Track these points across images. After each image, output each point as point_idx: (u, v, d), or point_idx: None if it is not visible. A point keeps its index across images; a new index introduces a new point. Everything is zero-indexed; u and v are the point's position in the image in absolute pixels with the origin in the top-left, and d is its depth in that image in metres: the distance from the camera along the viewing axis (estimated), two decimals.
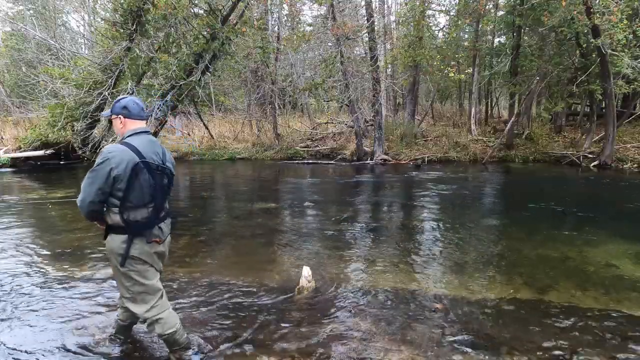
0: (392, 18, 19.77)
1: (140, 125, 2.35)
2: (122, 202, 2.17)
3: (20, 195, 8.15)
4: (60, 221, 6.02)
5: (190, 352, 2.45)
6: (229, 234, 5.50)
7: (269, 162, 13.92)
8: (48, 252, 4.55)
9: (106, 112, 2.42)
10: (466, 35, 18.01)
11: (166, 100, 11.97)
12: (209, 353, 2.61)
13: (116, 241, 2.22)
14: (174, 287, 3.61)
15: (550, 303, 3.36)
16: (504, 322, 3.05)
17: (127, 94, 11.64)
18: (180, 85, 11.96)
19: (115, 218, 2.20)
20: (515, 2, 12.78)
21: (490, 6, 15.05)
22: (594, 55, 11.38)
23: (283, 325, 2.96)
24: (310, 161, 13.82)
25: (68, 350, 2.64)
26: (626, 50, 10.45)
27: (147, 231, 2.25)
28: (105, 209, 2.22)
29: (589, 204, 7.73)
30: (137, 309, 2.32)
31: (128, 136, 2.28)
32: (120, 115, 2.32)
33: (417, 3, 14.11)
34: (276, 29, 17.72)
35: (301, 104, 21.86)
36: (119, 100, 2.36)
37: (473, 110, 16.12)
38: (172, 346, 2.41)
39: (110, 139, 12.49)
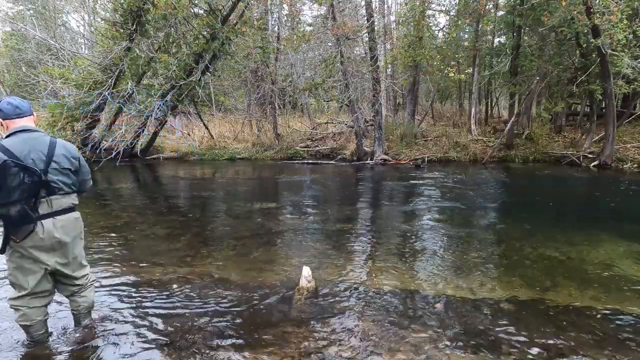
0: (392, 18, 19.78)
1: (21, 124, 2.40)
2: None
3: None
4: None
5: (36, 346, 2.59)
6: (229, 234, 5.50)
7: (269, 162, 13.92)
8: None
9: None
10: (466, 35, 18.00)
11: (166, 100, 11.98)
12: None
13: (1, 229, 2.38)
14: (174, 286, 3.61)
15: (550, 303, 3.36)
16: (504, 322, 3.04)
17: (127, 94, 11.67)
18: (180, 85, 11.97)
19: None
20: (515, 2, 12.77)
21: (490, 6, 15.04)
22: (594, 55, 11.38)
23: (283, 325, 2.96)
24: (310, 161, 13.82)
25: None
26: (626, 50, 10.45)
27: (13, 228, 2.32)
28: None
29: (589, 204, 7.73)
30: (9, 292, 2.52)
31: (6, 137, 2.38)
32: None
33: (417, 3, 14.11)
34: (276, 29, 17.71)
35: (301, 104, 21.87)
36: None
37: (473, 110, 16.12)
38: (26, 334, 2.61)
39: (110, 139, 12.52)
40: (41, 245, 2.39)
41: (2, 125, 2.40)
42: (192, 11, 12.18)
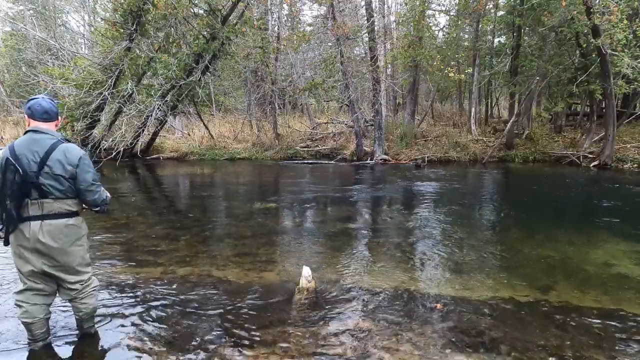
0: (392, 18, 19.76)
1: (39, 125, 2.43)
2: None
3: None
4: None
5: (37, 345, 2.61)
6: (229, 234, 5.50)
7: (268, 162, 13.92)
8: None
9: None
10: (466, 35, 18.00)
11: (166, 100, 11.97)
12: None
13: None
14: (174, 286, 3.61)
15: (550, 303, 3.36)
16: (504, 322, 3.04)
17: (128, 94, 11.66)
18: (180, 85, 11.96)
19: None
20: (515, 2, 12.77)
21: (490, 6, 15.04)
22: (594, 55, 11.38)
23: (283, 325, 2.96)
24: (310, 161, 13.82)
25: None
26: (626, 50, 10.44)
27: (4, 225, 2.38)
28: None
29: (589, 204, 7.73)
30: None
31: (23, 135, 2.45)
32: (25, 115, 2.46)
33: (417, 3, 14.10)
34: (276, 29, 17.72)
35: (301, 104, 21.86)
36: (30, 99, 2.48)
37: (473, 110, 16.11)
38: (27, 332, 2.61)
39: (110, 139, 12.51)
40: (26, 245, 2.39)
41: (27, 120, 2.49)
42: (192, 11, 12.18)
